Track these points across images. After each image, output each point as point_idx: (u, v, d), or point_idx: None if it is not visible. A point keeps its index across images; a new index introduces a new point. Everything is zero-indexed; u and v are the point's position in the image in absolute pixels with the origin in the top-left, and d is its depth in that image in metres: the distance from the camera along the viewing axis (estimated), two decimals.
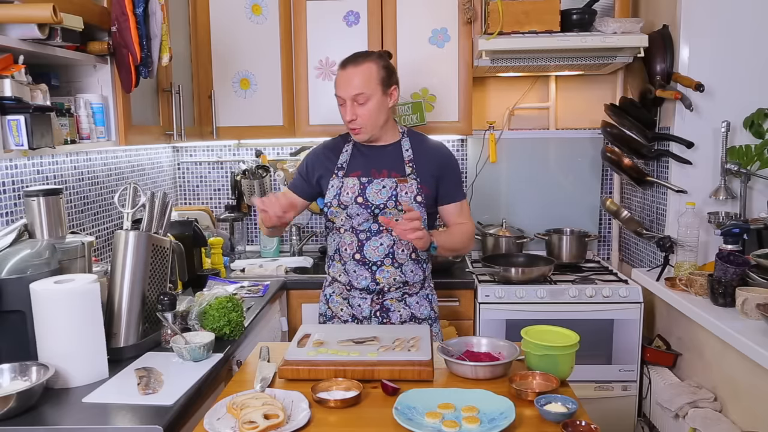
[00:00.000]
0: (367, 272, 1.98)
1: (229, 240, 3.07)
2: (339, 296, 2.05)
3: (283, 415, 1.28)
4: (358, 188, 1.95)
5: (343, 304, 2.04)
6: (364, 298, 2.01)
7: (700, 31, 2.40)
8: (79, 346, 1.51)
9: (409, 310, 2.02)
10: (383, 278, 1.97)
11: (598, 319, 2.53)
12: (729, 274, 2.04)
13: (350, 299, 2.03)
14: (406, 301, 2.02)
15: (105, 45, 1.86)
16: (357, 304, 2.02)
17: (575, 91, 3.12)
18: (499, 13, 2.54)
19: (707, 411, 2.03)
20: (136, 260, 1.72)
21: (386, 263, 1.97)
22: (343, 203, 1.96)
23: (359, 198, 1.94)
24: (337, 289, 2.06)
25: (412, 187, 1.95)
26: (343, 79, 1.92)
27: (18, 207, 1.92)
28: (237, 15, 2.76)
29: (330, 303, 2.08)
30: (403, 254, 1.98)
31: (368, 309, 2.00)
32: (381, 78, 1.91)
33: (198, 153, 3.24)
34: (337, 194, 1.97)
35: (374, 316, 2.01)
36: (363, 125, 1.93)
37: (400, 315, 2.01)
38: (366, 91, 1.89)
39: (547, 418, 1.29)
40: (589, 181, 3.10)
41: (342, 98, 1.92)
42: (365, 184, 1.95)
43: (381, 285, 1.98)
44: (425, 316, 2.04)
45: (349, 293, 2.03)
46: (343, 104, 1.93)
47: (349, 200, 1.95)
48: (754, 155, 2.31)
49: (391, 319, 2.01)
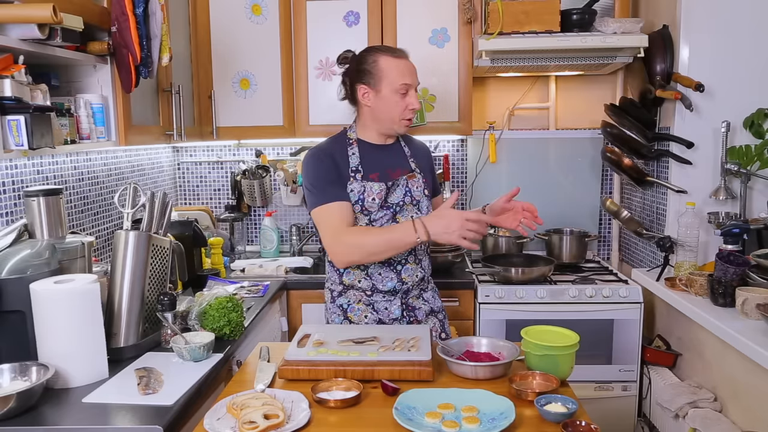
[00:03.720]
0: (392, 273, 1.94)
1: (229, 240, 3.07)
2: (359, 303, 1.96)
3: (283, 415, 1.28)
4: (385, 192, 1.91)
5: (366, 311, 1.95)
6: (389, 300, 1.96)
7: (700, 31, 2.40)
8: (79, 346, 1.51)
9: (428, 304, 2.03)
10: (408, 276, 1.96)
11: (598, 319, 2.53)
12: (729, 274, 2.04)
13: (374, 304, 1.96)
14: (424, 297, 2.03)
15: (105, 45, 1.86)
16: (383, 308, 1.95)
17: (575, 91, 3.12)
18: (499, 13, 2.54)
19: (707, 411, 2.03)
20: (136, 260, 1.72)
21: (410, 261, 1.96)
22: (366, 209, 1.89)
23: (382, 202, 1.92)
24: (354, 297, 1.97)
25: (419, 182, 1.97)
26: (409, 67, 1.90)
27: (18, 207, 1.92)
28: (237, 15, 2.76)
29: (349, 312, 1.96)
30: (422, 249, 1.99)
31: (398, 310, 1.95)
32: None
33: (198, 153, 3.24)
34: (360, 199, 1.88)
35: (403, 317, 1.97)
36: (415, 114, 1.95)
37: (423, 311, 2.01)
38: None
39: (547, 418, 1.29)
40: (589, 181, 3.10)
41: (408, 85, 1.89)
42: (390, 187, 1.92)
43: (407, 284, 1.96)
44: (439, 308, 2.07)
45: (370, 298, 1.96)
46: (406, 92, 1.89)
47: (375, 205, 1.89)
48: (754, 155, 2.31)
49: (417, 316, 1.99)
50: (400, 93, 1.88)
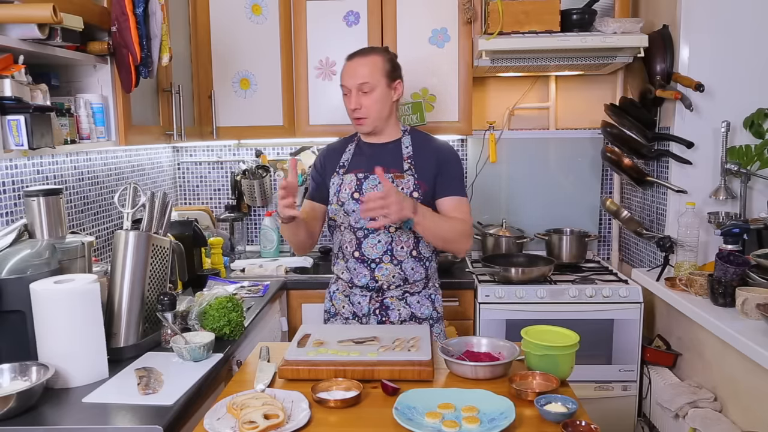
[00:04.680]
0: (366, 270, 1.98)
1: (229, 240, 3.07)
2: (341, 294, 2.06)
3: (283, 415, 1.28)
4: (355, 184, 1.96)
5: (344, 302, 2.05)
6: (364, 295, 2.01)
7: (700, 31, 2.40)
8: (79, 346, 1.51)
9: (409, 309, 2.01)
10: (382, 276, 1.97)
11: (598, 319, 2.53)
12: (729, 274, 2.04)
13: (351, 297, 2.03)
14: (407, 300, 2.01)
15: (105, 45, 1.86)
16: (357, 302, 2.02)
17: (575, 91, 3.12)
18: (499, 13, 2.54)
19: (707, 411, 2.03)
20: (136, 260, 1.72)
21: (385, 260, 1.97)
22: (340, 200, 1.97)
23: (355, 194, 1.95)
24: (341, 286, 2.07)
25: (408, 183, 1.95)
26: (349, 69, 1.95)
27: (18, 207, 1.92)
28: (237, 15, 2.76)
29: (333, 300, 2.09)
30: (403, 251, 1.97)
31: (367, 306, 2.00)
32: (386, 70, 1.94)
33: (198, 153, 3.24)
34: (337, 191, 1.98)
35: (373, 314, 2.01)
36: (367, 115, 1.94)
37: (400, 313, 2.00)
38: (371, 80, 1.91)
39: (547, 418, 1.29)
40: (589, 181, 3.10)
41: (347, 88, 1.94)
42: (362, 180, 1.96)
43: (380, 282, 1.98)
44: (426, 316, 2.02)
45: (350, 291, 2.04)
46: (348, 94, 1.95)
47: (346, 197, 1.96)
48: (754, 155, 2.31)
49: (390, 317, 2.00)
50: (343, 93, 1.97)
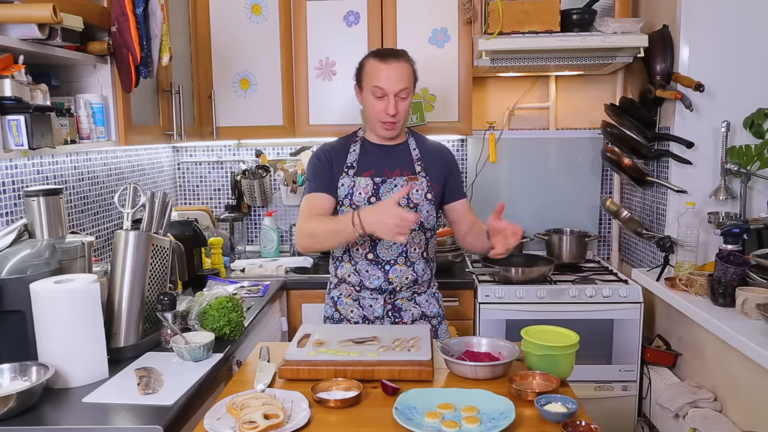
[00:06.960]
0: (379, 272, 1.96)
1: (229, 240, 3.07)
2: (348, 298, 2.02)
3: (283, 415, 1.28)
4: (372, 188, 1.94)
5: (353, 306, 2.01)
6: (375, 298, 1.99)
7: (700, 31, 2.40)
8: (79, 346, 1.51)
9: (419, 308, 2.02)
10: (396, 277, 1.97)
11: (598, 319, 2.53)
12: (729, 274, 2.04)
13: (360, 300, 2.01)
14: (416, 300, 2.03)
15: (105, 45, 1.86)
16: (369, 305, 1.99)
17: (575, 91, 3.12)
18: (499, 13, 2.54)
19: (707, 411, 2.03)
20: (136, 260, 1.72)
21: (399, 262, 1.97)
22: (355, 203, 1.93)
23: (372, 198, 1.93)
24: (345, 290, 2.03)
25: (422, 185, 1.96)
26: (389, 73, 1.87)
27: (18, 207, 1.92)
28: (237, 15, 2.76)
29: (338, 305, 2.04)
30: (416, 253, 1.98)
31: (381, 309, 1.99)
32: (415, 75, 1.95)
33: (198, 153, 3.24)
34: (349, 194, 1.94)
35: (387, 316, 2.00)
36: (399, 120, 1.93)
37: (412, 314, 2.01)
38: (409, 86, 1.91)
39: (547, 418, 1.29)
40: (589, 181, 3.10)
41: (384, 91, 1.88)
42: (379, 184, 1.94)
43: (393, 284, 1.97)
44: (434, 314, 2.05)
45: (359, 294, 2.01)
46: (382, 97, 1.89)
47: (362, 200, 1.93)
48: (754, 155, 2.31)
49: (403, 318, 2.00)
50: (376, 96, 1.90)
